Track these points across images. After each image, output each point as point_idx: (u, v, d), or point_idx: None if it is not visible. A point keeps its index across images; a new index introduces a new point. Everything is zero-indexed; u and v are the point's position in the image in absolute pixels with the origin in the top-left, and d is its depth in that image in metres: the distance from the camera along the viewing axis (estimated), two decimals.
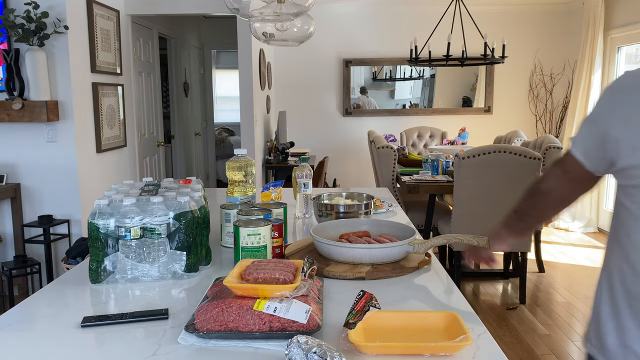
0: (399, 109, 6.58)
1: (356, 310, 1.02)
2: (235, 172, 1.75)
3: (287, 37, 2.39)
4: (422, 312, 1.14)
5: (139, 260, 1.35)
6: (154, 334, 1.07)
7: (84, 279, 1.38)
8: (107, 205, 1.35)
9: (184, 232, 1.37)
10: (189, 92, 7.06)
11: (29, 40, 3.40)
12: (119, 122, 4.40)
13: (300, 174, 2.06)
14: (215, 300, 1.07)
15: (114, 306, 1.23)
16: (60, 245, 3.81)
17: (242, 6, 2.05)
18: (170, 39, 6.36)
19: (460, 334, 0.99)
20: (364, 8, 6.34)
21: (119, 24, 4.40)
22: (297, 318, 1.01)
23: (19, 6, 3.43)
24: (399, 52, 6.33)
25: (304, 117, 6.54)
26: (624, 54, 5.38)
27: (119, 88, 4.39)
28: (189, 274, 1.39)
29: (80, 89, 3.74)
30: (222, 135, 8.63)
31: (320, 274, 1.37)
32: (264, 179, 5.45)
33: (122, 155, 4.51)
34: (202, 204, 1.47)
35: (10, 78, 3.49)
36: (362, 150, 6.54)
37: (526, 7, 6.21)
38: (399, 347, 0.97)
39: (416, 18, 6.24)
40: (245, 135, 4.86)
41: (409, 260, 1.48)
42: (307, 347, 0.87)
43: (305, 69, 6.49)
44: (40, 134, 3.65)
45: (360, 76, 6.53)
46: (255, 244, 1.40)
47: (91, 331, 1.09)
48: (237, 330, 1.01)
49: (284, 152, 5.51)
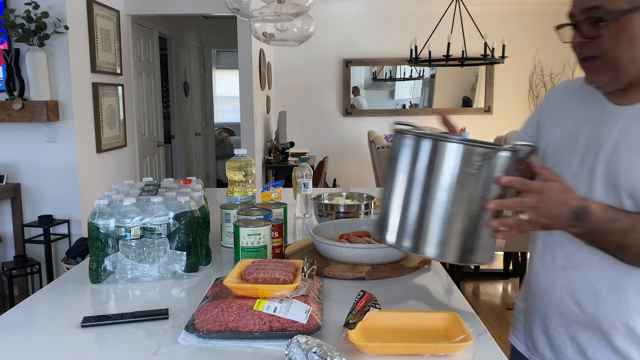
0: (399, 109, 6.58)
1: (356, 310, 1.02)
2: (235, 172, 1.75)
3: (287, 37, 2.39)
4: (422, 312, 1.14)
5: (139, 260, 1.35)
6: (154, 334, 1.07)
7: (84, 279, 1.38)
8: (107, 205, 1.35)
9: (184, 232, 1.37)
10: (189, 92, 7.06)
11: (29, 40, 3.40)
12: (119, 122, 4.40)
13: (300, 174, 2.06)
14: (215, 300, 1.07)
15: (114, 306, 1.23)
16: (60, 245, 3.81)
17: (242, 6, 2.05)
18: (170, 39, 6.36)
19: (460, 334, 0.99)
20: (364, 8, 6.34)
21: (119, 24, 4.40)
22: (297, 318, 1.01)
23: (19, 6, 3.43)
24: (399, 52, 6.33)
25: (304, 117, 6.54)
26: None
27: (119, 88, 4.39)
28: (189, 274, 1.39)
29: (80, 89, 3.74)
30: (222, 135, 8.63)
31: (320, 274, 1.37)
32: (264, 179, 5.45)
33: (122, 156, 4.51)
34: (202, 204, 1.47)
35: (11, 78, 3.49)
36: (362, 150, 6.53)
37: (526, 7, 6.21)
38: (399, 347, 0.97)
39: (416, 18, 6.23)
40: (245, 135, 4.86)
41: (409, 260, 1.48)
42: (307, 347, 0.87)
43: (305, 69, 6.48)
44: (40, 134, 3.65)
45: (360, 76, 6.53)
46: (255, 244, 1.40)
47: (91, 331, 1.09)
48: (237, 330, 1.01)
49: (284, 152, 5.51)
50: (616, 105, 1.05)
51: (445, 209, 0.99)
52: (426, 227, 1.00)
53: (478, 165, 0.97)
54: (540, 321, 1.18)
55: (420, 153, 1.00)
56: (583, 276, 1.09)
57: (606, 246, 1.00)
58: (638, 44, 0.97)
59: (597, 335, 1.09)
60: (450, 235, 1.00)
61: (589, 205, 0.97)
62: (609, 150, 1.03)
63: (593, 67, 1.03)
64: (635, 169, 0.99)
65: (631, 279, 1.04)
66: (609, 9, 0.96)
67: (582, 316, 1.10)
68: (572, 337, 1.12)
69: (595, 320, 1.08)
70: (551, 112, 1.20)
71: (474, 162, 0.97)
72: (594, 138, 1.06)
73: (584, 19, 1.00)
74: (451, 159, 0.98)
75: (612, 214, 0.97)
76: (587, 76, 1.05)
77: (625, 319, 1.06)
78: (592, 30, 0.99)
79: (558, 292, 1.13)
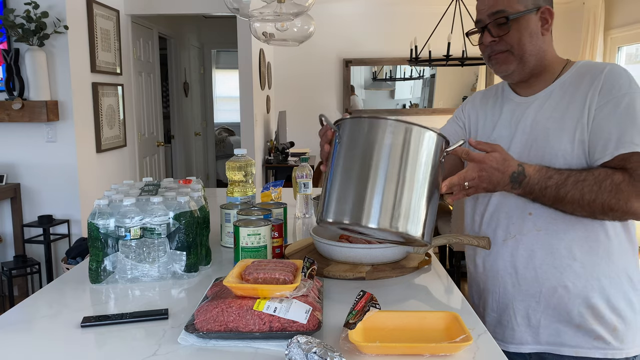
0: (399, 109, 6.58)
1: (356, 310, 1.02)
2: (235, 172, 1.75)
3: (287, 37, 2.39)
4: (422, 312, 1.14)
5: (139, 260, 1.35)
6: (154, 334, 1.07)
7: (84, 279, 1.38)
8: (107, 205, 1.35)
9: (184, 232, 1.37)
10: (189, 92, 7.06)
11: (28, 40, 3.40)
12: (118, 122, 4.40)
13: (300, 174, 2.06)
14: (215, 300, 1.07)
15: (114, 306, 1.23)
16: (60, 245, 3.81)
17: (242, 6, 2.05)
18: (170, 39, 6.36)
19: (461, 334, 0.99)
20: (364, 8, 6.34)
21: (119, 24, 4.40)
22: (297, 318, 1.01)
23: (19, 6, 3.43)
24: (399, 52, 6.33)
25: (304, 117, 6.54)
26: (624, 54, 5.38)
27: (119, 88, 4.39)
28: (189, 274, 1.39)
29: (80, 89, 3.74)
30: (222, 135, 8.63)
31: (320, 274, 1.37)
32: (264, 179, 5.45)
33: (122, 155, 4.51)
34: (202, 204, 1.47)
35: (10, 78, 3.49)
36: None
37: None
38: (399, 348, 0.97)
39: (416, 18, 6.23)
40: (245, 135, 4.86)
41: (409, 260, 1.48)
42: (307, 347, 0.87)
43: (305, 69, 6.48)
44: (40, 134, 3.65)
45: (360, 76, 6.53)
46: (255, 244, 1.40)
47: (91, 331, 1.09)
48: (237, 330, 1.01)
49: (284, 152, 5.51)
50: (523, 97, 1.29)
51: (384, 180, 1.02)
52: (362, 198, 1.02)
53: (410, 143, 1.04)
54: (491, 298, 1.33)
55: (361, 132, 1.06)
56: (520, 242, 1.25)
57: (545, 201, 1.15)
58: (535, 38, 1.23)
59: (540, 302, 1.24)
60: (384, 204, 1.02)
61: (525, 169, 1.11)
62: (525, 133, 1.24)
63: (502, 58, 1.25)
64: (547, 147, 1.19)
65: (560, 240, 1.21)
66: (510, 12, 1.21)
67: (524, 283, 1.26)
68: (519, 307, 1.27)
69: (536, 286, 1.24)
70: (475, 112, 1.43)
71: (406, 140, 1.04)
72: (510, 125, 1.28)
73: (492, 22, 1.24)
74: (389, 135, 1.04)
75: (544, 173, 1.12)
76: (497, 67, 1.28)
77: (562, 280, 1.22)
78: (499, 30, 1.23)
79: (502, 265, 1.29)
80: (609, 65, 1.20)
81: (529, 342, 1.27)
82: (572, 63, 1.26)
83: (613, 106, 1.14)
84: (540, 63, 1.25)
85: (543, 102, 1.25)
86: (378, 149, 1.03)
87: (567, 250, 1.21)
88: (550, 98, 1.24)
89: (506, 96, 1.34)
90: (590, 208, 1.12)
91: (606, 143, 1.14)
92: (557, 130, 1.19)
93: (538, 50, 1.23)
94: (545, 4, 1.24)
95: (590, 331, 1.22)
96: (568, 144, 1.18)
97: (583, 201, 1.11)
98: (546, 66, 1.26)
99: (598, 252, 1.21)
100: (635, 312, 1.24)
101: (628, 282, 1.23)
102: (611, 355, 1.22)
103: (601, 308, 1.21)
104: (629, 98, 1.14)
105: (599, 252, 1.21)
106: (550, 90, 1.25)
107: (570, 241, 1.21)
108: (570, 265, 1.21)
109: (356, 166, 1.04)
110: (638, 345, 1.24)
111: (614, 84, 1.16)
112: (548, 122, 1.21)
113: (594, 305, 1.21)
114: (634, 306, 1.23)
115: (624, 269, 1.23)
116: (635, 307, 1.24)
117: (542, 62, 1.25)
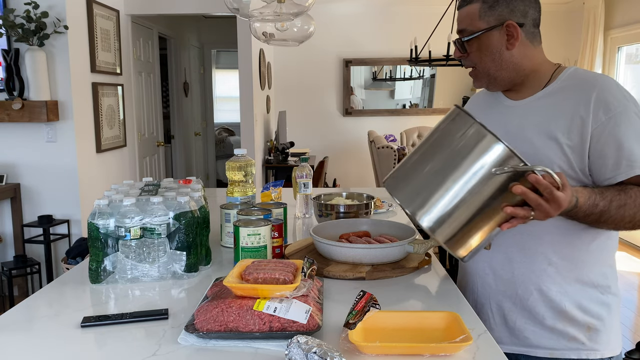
0: (399, 109, 6.58)
1: (356, 310, 1.02)
2: (235, 172, 1.75)
3: (287, 37, 2.39)
4: (422, 312, 1.14)
5: (139, 260, 1.35)
6: (154, 334, 1.07)
7: (84, 279, 1.38)
8: (107, 205, 1.35)
9: (184, 232, 1.37)
10: (189, 92, 7.06)
11: (28, 40, 3.40)
12: (118, 122, 4.40)
13: (300, 174, 2.06)
14: (215, 300, 1.07)
15: (114, 306, 1.23)
16: (60, 245, 3.81)
17: (242, 6, 2.05)
18: (170, 39, 6.36)
19: (461, 334, 0.99)
20: (364, 8, 6.34)
21: (118, 24, 4.40)
22: (297, 318, 1.01)
23: (19, 6, 3.43)
24: (399, 52, 6.33)
25: (304, 117, 6.54)
26: (624, 54, 5.39)
27: (118, 88, 4.39)
28: (189, 274, 1.39)
29: (80, 89, 3.74)
30: (222, 135, 8.63)
31: (320, 274, 1.37)
32: (264, 179, 5.45)
33: (122, 155, 4.51)
34: (202, 204, 1.47)
35: (10, 78, 3.49)
36: (362, 150, 6.54)
37: None
38: (399, 348, 0.97)
39: (416, 18, 6.24)
40: (245, 135, 4.86)
41: (409, 260, 1.48)
42: (307, 347, 0.87)
43: (305, 69, 6.49)
44: (40, 134, 3.65)
45: (360, 76, 6.53)
46: (255, 244, 1.40)
47: (91, 331, 1.09)
48: (237, 330, 1.01)
49: (284, 152, 5.51)
50: (513, 101, 1.29)
51: (461, 192, 1.02)
52: (435, 199, 1.04)
53: (503, 170, 1.02)
54: (470, 297, 1.36)
55: (468, 137, 1.05)
56: (498, 245, 1.26)
57: (584, 222, 1.15)
58: (499, 55, 1.22)
59: (516, 303, 1.27)
60: (450, 217, 1.03)
61: (578, 199, 1.08)
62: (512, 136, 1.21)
63: (474, 74, 1.29)
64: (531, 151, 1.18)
65: (537, 244, 1.23)
66: (471, 30, 1.22)
67: (500, 284, 1.28)
68: (496, 307, 1.30)
69: (512, 288, 1.26)
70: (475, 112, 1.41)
71: (503, 166, 1.02)
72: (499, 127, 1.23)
73: (457, 39, 1.26)
74: (489, 154, 1.02)
75: (592, 201, 1.10)
76: (473, 81, 1.31)
77: (537, 283, 1.24)
78: (463, 47, 1.26)
79: (481, 266, 1.32)
80: (600, 79, 1.18)
81: (507, 342, 1.29)
82: (563, 69, 1.24)
83: (614, 124, 1.13)
84: (518, 74, 1.24)
85: (529, 107, 1.25)
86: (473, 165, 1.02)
87: (543, 255, 1.23)
88: (538, 105, 1.23)
89: (498, 98, 1.36)
90: (623, 226, 1.14)
91: (617, 162, 1.13)
92: (542, 136, 1.19)
93: (507, 65, 1.22)
94: (510, 18, 1.19)
95: (564, 333, 1.23)
96: (550, 150, 1.18)
97: (622, 222, 1.13)
98: (529, 75, 1.25)
99: (573, 257, 1.22)
100: (610, 314, 1.25)
101: (604, 285, 1.24)
102: (585, 356, 1.23)
103: (574, 312, 1.22)
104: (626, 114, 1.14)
105: (575, 257, 1.22)
106: (538, 97, 1.24)
107: (547, 245, 1.22)
108: (545, 269, 1.23)
109: (446, 166, 1.04)
110: (613, 347, 1.26)
111: (609, 100, 1.14)
112: (533, 128, 1.21)
113: (566, 309, 1.22)
114: (609, 307, 1.24)
115: (601, 273, 1.24)
116: (611, 308, 1.24)
117: (520, 72, 1.24)
